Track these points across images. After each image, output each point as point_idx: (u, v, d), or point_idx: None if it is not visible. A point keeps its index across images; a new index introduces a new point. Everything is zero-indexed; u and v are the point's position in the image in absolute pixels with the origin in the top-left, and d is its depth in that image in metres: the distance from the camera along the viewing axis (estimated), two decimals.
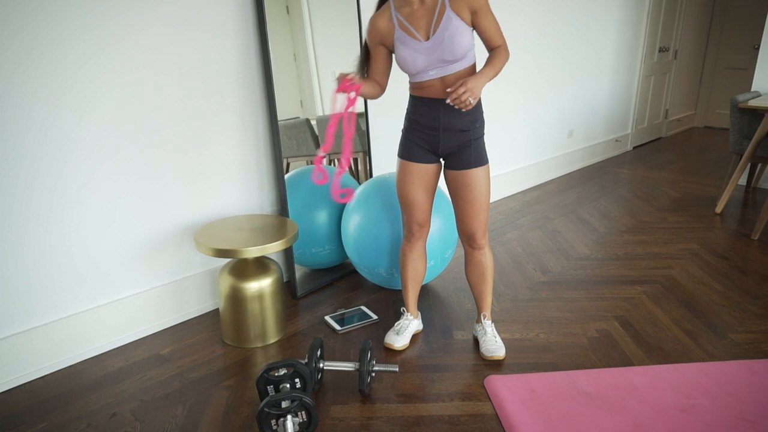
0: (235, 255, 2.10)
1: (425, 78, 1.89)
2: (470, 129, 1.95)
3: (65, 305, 2.10)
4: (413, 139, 2.01)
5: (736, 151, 3.97)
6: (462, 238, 2.12)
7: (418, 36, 1.83)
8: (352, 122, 1.91)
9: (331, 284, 2.81)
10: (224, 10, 2.30)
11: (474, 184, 1.99)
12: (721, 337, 2.32)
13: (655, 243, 3.33)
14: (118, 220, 2.17)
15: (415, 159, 2.02)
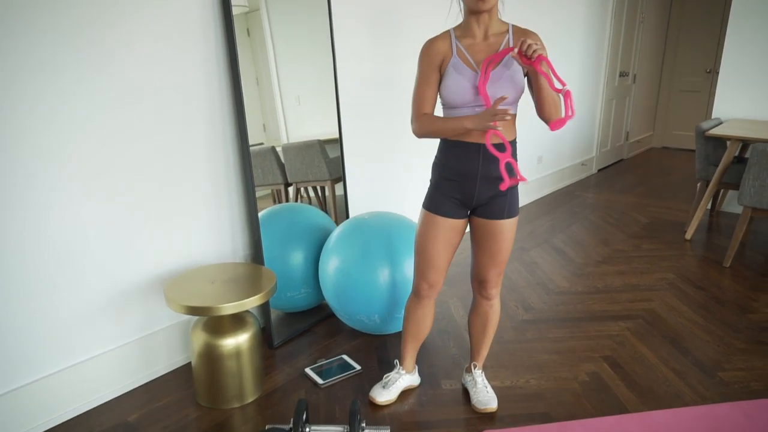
0: (209, 312, 1.95)
1: (471, 114, 1.74)
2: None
3: (26, 371, 1.90)
4: (445, 190, 1.84)
5: (703, 178, 4.04)
6: (474, 283, 2.02)
7: (476, 67, 1.72)
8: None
9: (309, 330, 2.68)
10: (191, 43, 2.17)
11: (503, 235, 1.87)
12: (710, 377, 2.29)
13: (632, 273, 3.33)
14: (82, 274, 2.00)
15: (444, 213, 1.85)
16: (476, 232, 1.92)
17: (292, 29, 2.60)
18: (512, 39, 1.74)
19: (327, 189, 2.95)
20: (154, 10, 2.03)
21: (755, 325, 2.72)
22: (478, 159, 1.77)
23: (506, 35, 1.75)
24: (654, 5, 6.62)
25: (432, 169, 1.91)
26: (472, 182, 1.81)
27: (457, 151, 1.80)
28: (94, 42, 1.89)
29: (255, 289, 2.06)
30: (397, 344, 2.53)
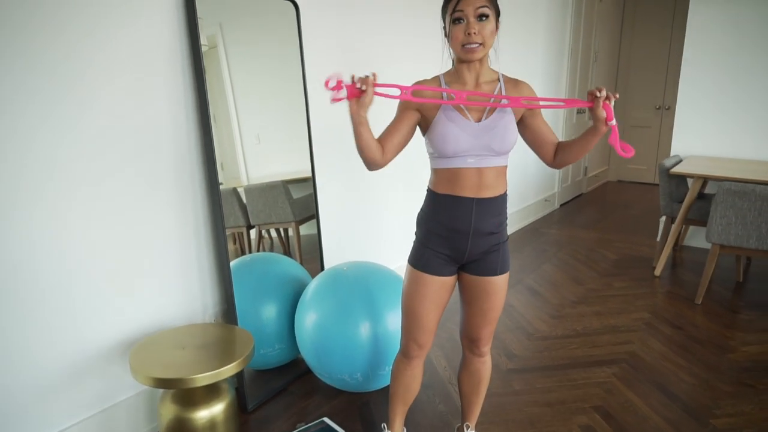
0: (181, 385, 1.77)
1: (462, 165, 1.65)
2: (499, 231, 1.74)
3: None
4: (433, 246, 1.72)
5: (668, 214, 4.11)
6: (464, 341, 1.90)
7: (468, 116, 1.63)
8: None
9: (285, 389, 2.50)
10: (159, 79, 2.03)
11: (495, 292, 1.76)
12: (702, 425, 2.24)
13: (608, 314, 3.30)
14: (34, 344, 1.78)
15: (433, 271, 1.73)
16: (467, 289, 1.81)
17: (253, 67, 2.48)
18: (503, 88, 1.68)
19: (291, 230, 2.82)
20: (117, 64, 1.89)
21: (736, 365, 2.71)
22: (471, 213, 1.67)
23: (497, 84, 1.68)
24: (605, 43, 6.86)
25: (418, 223, 1.80)
26: (464, 238, 1.70)
27: (447, 205, 1.69)
28: (43, 89, 1.73)
29: (231, 354, 1.89)
30: (381, 402, 2.39)
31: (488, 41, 1.60)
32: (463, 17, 1.57)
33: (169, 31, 2.04)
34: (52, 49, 1.71)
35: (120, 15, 1.88)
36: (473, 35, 1.56)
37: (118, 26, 1.88)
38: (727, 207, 3.29)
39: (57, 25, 1.72)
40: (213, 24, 2.25)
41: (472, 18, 1.56)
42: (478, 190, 1.66)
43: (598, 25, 6.47)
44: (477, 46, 1.58)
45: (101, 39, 1.84)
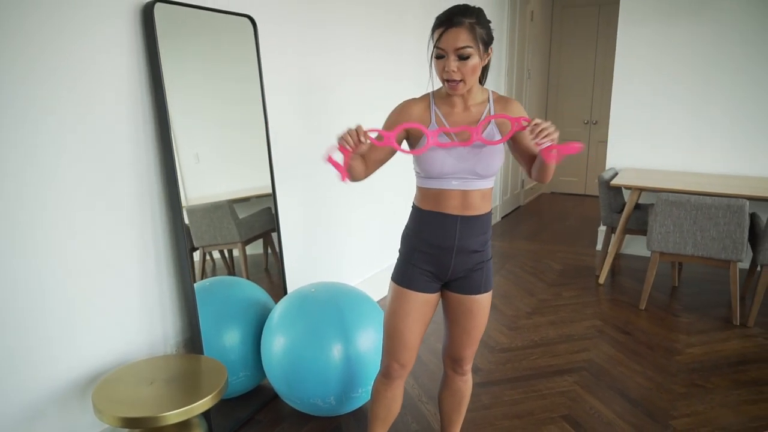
0: (152, 423, 1.66)
1: (447, 186, 1.65)
2: (483, 249, 1.74)
3: None
4: (417, 263, 1.72)
5: (608, 224, 4.30)
6: (447, 360, 1.89)
7: (455, 139, 1.62)
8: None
9: (252, 418, 2.40)
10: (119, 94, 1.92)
11: (479, 311, 1.77)
12: (663, 427, 2.34)
13: (562, 323, 3.40)
14: None
15: (417, 288, 1.72)
16: (451, 308, 1.81)
17: (195, 84, 2.38)
18: (492, 108, 1.67)
19: (237, 251, 2.72)
20: (67, 79, 1.77)
21: (685, 367, 2.86)
22: (456, 230, 1.68)
23: (487, 104, 1.68)
24: (537, 62, 7.16)
25: (402, 240, 1.79)
26: (448, 255, 1.70)
27: (432, 222, 1.70)
28: None
29: (203, 387, 1.80)
30: (352, 425, 2.34)
31: (469, 79, 1.58)
32: (443, 54, 1.56)
33: (127, 43, 1.93)
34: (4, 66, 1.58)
35: (79, 26, 1.76)
36: (452, 73, 1.56)
37: (77, 36, 1.76)
38: (665, 216, 3.48)
39: (19, 37, 1.59)
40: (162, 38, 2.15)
41: (452, 56, 1.55)
42: (462, 209, 1.67)
43: (530, 44, 6.75)
44: (457, 83, 1.58)
45: (58, 54, 1.71)
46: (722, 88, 4.45)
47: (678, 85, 4.60)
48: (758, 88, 4.34)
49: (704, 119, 4.55)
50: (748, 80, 4.36)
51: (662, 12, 4.55)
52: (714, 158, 4.56)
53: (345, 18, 3.09)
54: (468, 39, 1.54)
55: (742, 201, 3.29)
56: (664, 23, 4.57)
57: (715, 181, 4.14)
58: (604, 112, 7.56)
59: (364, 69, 3.33)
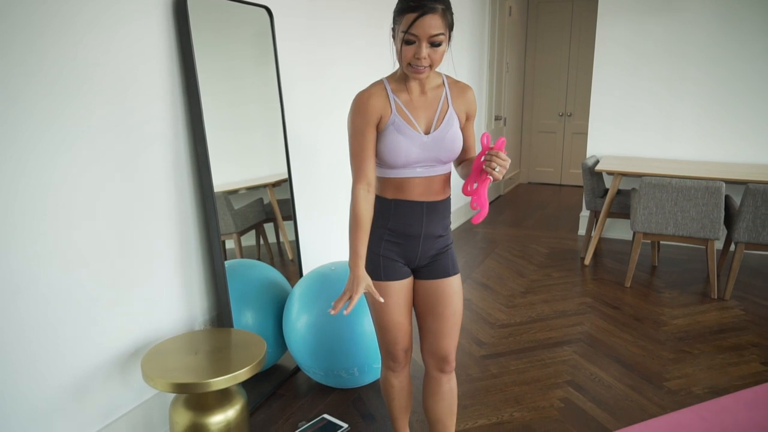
0: (200, 389, 1.75)
1: (412, 174, 1.64)
2: (446, 234, 1.75)
3: None
4: (388, 254, 1.70)
5: (591, 208, 4.53)
6: (429, 361, 1.81)
7: (418, 127, 1.61)
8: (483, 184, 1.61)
9: (274, 393, 2.51)
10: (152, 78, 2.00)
11: (452, 294, 1.74)
12: (658, 388, 2.54)
13: (555, 301, 3.60)
14: (29, 365, 1.69)
15: (394, 277, 1.71)
16: (424, 298, 1.77)
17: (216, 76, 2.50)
18: (449, 92, 1.66)
19: (234, 242, 2.82)
20: (109, 68, 1.85)
21: (672, 336, 3.08)
22: (422, 217, 1.68)
23: (443, 88, 1.67)
24: (514, 56, 7.37)
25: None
26: (415, 242, 1.70)
27: (400, 211, 1.68)
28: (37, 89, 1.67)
29: (245, 357, 1.90)
30: (372, 395, 2.47)
31: (437, 63, 1.55)
32: (415, 40, 1.49)
33: (159, 31, 2.02)
34: (52, 53, 1.65)
35: (115, 17, 1.84)
36: (423, 60, 1.51)
37: (116, 27, 1.84)
38: (648, 199, 3.71)
39: (58, 26, 1.66)
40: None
41: (424, 42, 1.49)
42: (427, 195, 1.67)
43: (508, 39, 6.96)
44: (424, 69, 1.54)
45: (96, 43, 1.79)
46: (695, 79, 4.72)
47: (653, 77, 4.85)
48: (729, 79, 4.62)
49: (679, 109, 4.81)
50: (719, 71, 4.64)
51: (638, 8, 4.79)
52: (688, 145, 4.83)
53: (355, 8, 3.20)
54: (441, 26, 1.49)
55: (719, 183, 3.53)
56: (639, 19, 4.81)
57: (691, 166, 4.40)
58: (578, 104, 7.83)
59: (374, 56, 3.46)
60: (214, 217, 2.25)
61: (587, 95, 7.67)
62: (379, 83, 1.64)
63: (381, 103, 1.61)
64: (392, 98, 1.62)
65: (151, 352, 1.92)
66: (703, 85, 4.70)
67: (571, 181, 8.06)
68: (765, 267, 4.32)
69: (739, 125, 4.64)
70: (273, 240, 2.76)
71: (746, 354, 2.87)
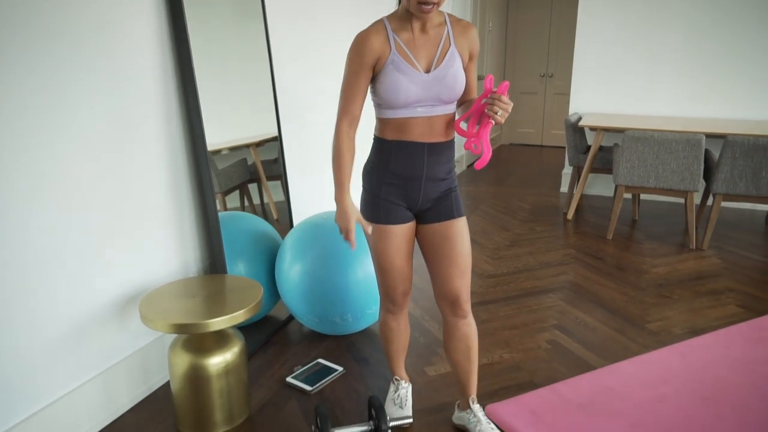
0: (199, 329, 1.77)
1: (412, 114, 1.61)
2: (448, 177, 1.73)
3: None
4: (388, 197, 1.69)
5: (574, 164, 4.59)
6: (443, 306, 1.80)
7: (418, 66, 1.58)
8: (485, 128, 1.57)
9: (269, 341, 2.54)
10: (141, 32, 1.96)
11: (459, 237, 1.72)
12: (640, 329, 2.64)
13: (540, 253, 3.67)
14: (28, 311, 1.69)
15: (395, 220, 1.70)
16: (430, 241, 1.76)
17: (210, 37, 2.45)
18: (451, 31, 1.64)
19: (218, 202, 2.82)
20: (99, 19, 1.81)
21: (653, 283, 3.18)
22: (423, 159, 1.66)
23: (445, 27, 1.64)
24: (495, 16, 7.32)
25: (365, 176, 1.74)
26: (417, 184, 1.68)
27: (401, 153, 1.66)
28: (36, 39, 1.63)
29: (242, 300, 1.92)
30: (365, 341, 2.52)
31: (443, 1, 1.54)
32: None
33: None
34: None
35: None
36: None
37: None
38: (631, 152, 3.77)
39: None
40: None
41: None
42: (429, 136, 1.64)
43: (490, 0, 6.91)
44: (432, 6, 1.52)
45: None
46: (676, 37, 4.75)
47: (636, 35, 4.87)
48: (709, 37, 4.66)
49: (660, 66, 4.86)
50: (699, 29, 4.67)
51: None
52: (669, 102, 4.90)
53: None
54: None
55: (700, 136, 3.60)
56: None
57: (672, 122, 4.47)
58: (560, 65, 7.84)
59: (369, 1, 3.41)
60: (206, 166, 2.23)
61: (569, 56, 7.68)
62: (378, 23, 1.62)
63: (379, 43, 1.58)
64: (392, 37, 1.59)
65: (148, 297, 1.93)
66: (684, 43, 4.74)
67: (552, 142, 8.13)
68: (741, 220, 4.45)
69: (719, 82, 4.71)
70: (257, 201, 2.75)
71: (723, 298, 2.98)
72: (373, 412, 1.80)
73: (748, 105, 4.67)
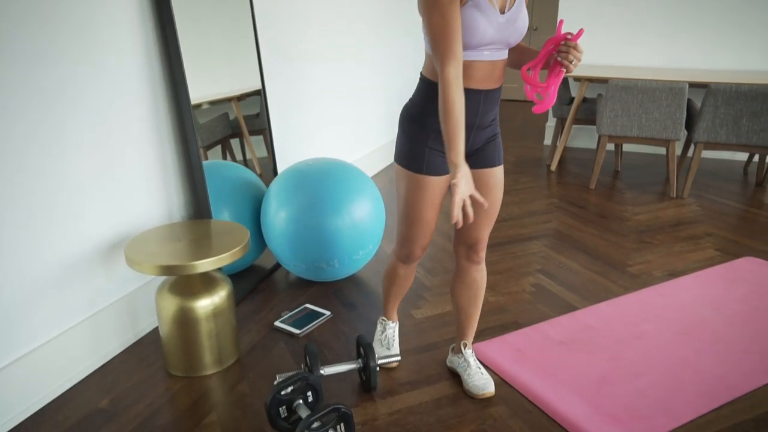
0: (186, 270, 1.77)
1: (478, 57, 1.49)
2: (493, 123, 1.64)
3: None
4: (432, 144, 1.58)
5: (558, 116, 4.59)
6: (460, 250, 1.78)
7: (495, 5, 1.45)
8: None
9: (255, 289, 2.55)
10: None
11: (496, 185, 1.66)
12: (622, 272, 2.69)
13: (524, 202, 3.70)
14: (12, 254, 1.67)
15: (435, 171, 1.60)
16: None
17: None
18: None
19: (201, 156, 2.77)
20: None
21: (634, 229, 3.24)
22: (479, 106, 1.55)
23: None
24: None
25: (409, 120, 1.61)
26: (467, 133, 1.59)
27: None
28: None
29: (229, 243, 1.91)
30: (352, 286, 2.54)
31: None
32: None
33: None
34: None
35: None
36: None
37: None
38: (615, 101, 3.77)
39: None
40: None
41: None
42: (487, 82, 1.53)
43: None
44: None
45: None
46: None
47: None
48: None
49: (642, 18, 4.81)
50: None
51: None
52: (653, 53, 4.88)
53: None
54: None
55: (683, 84, 3.61)
56: None
57: (656, 72, 4.46)
58: (544, 18, 7.75)
59: None
60: (189, 117, 2.18)
61: (553, 9, 7.58)
62: None
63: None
64: None
65: (133, 241, 1.91)
66: None
67: None
68: (720, 169, 4.52)
69: (703, 32, 4.70)
70: (240, 158, 2.70)
71: (701, 242, 3.05)
72: (362, 350, 1.83)
73: (731, 55, 4.67)
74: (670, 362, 2.00)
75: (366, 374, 1.81)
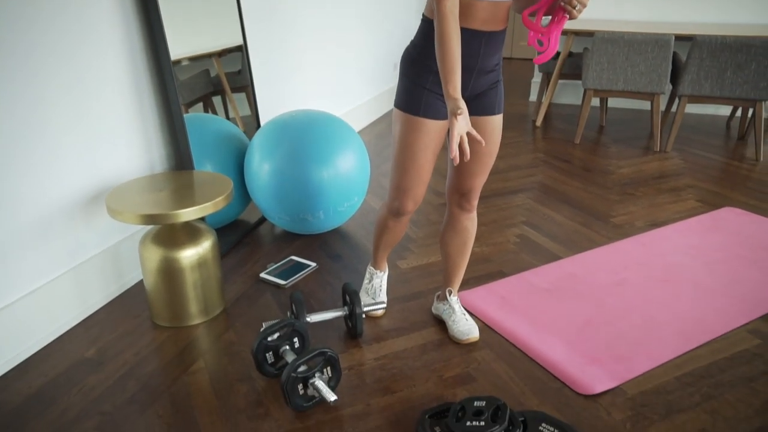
0: (169, 219, 1.75)
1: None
2: (496, 69, 1.58)
3: None
4: (431, 87, 1.54)
5: (543, 71, 4.55)
6: (452, 197, 1.77)
7: None
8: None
9: (240, 242, 2.54)
10: None
11: (493, 133, 1.63)
12: (605, 223, 2.72)
13: (510, 157, 3.70)
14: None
15: (433, 115, 1.56)
16: None
17: None
18: None
19: (181, 108, 2.71)
20: None
21: (618, 182, 3.26)
22: (480, 49, 1.49)
23: None
24: None
25: (409, 62, 1.57)
26: (467, 77, 1.54)
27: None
28: None
29: (212, 193, 1.89)
30: (337, 238, 2.54)
31: None
32: None
33: None
34: None
35: None
36: None
37: None
38: (601, 54, 3.74)
39: None
40: None
41: None
42: (489, 24, 1.47)
43: None
44: None
45: None
46: None
47: None
48: None
49: None
50: None
51: None
52: (639, 7, 4.82)
53: None
54: None
55: (669, 36, 3.58)
56: None
57: (640, 26, 4.42)
58: None
59: None
60: (169, 70, 2.12)
61: None
62: None
63: None
64: None
65: (114, 191, 1.88)
66: None
67: (521, 54, 8.01)
68: (702, 124, 4.54)
69: None
70: (223, 116, 2.65)
71: (683, 194, 3.08)
72: (348, 297, 1.84)
73: (717, 10, 4.63)
74: (650, 307, 2.04)
75: (352, 321, 1.83)
